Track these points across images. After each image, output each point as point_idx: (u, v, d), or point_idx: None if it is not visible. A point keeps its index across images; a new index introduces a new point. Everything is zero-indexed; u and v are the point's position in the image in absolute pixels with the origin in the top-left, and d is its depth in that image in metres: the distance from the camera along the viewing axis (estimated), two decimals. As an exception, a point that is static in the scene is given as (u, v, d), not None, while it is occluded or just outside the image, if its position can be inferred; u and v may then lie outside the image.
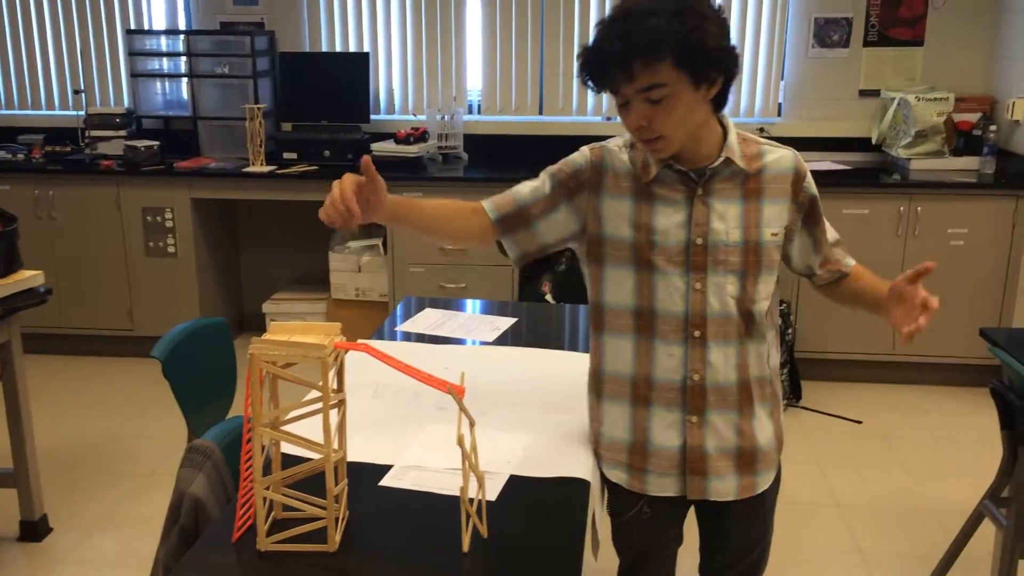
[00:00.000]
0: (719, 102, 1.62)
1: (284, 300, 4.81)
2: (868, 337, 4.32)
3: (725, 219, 1.65)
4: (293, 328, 1.40)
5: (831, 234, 1.80)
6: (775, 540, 1.91)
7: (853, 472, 3.57)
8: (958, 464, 3.65)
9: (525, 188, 1.75)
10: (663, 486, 1.73)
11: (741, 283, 1.67)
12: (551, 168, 1.75)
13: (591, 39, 1.55)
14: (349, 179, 1.54)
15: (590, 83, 1.58)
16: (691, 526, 1.86)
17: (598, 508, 1.77)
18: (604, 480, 1.82)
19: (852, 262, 1.82)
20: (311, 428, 1.44)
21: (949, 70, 4.61)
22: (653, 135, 1.56)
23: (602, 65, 1.53)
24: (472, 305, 2.79)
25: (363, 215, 1.57)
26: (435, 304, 2.77)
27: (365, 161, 1.55)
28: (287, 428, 1.45)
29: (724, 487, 1.73)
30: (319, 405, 1.38)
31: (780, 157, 1.70)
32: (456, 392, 1.35)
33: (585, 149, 1.73)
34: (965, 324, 4.21)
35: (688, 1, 1.51)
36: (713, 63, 1.53)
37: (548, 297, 4.19)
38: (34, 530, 3.06)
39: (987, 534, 2.73)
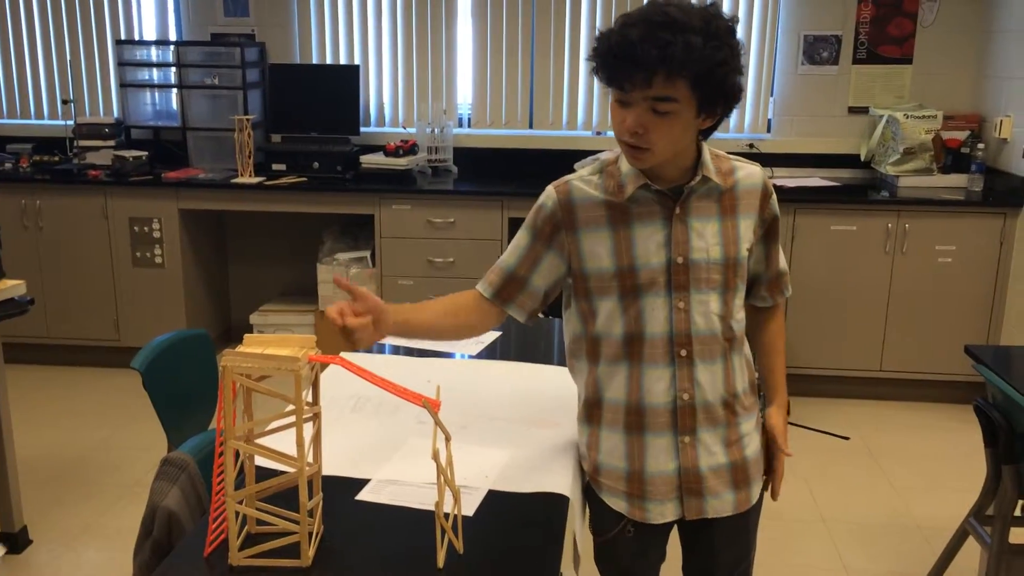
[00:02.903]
0: (707, 132, 1.63)
1: (272, 312, 4.79)
2: (856, 353, 4.32)
3: (704, 237, 1.64)
4: (268, 340, 1.39)
5: (782, 262, 1.83)
6: (761, 556, 1.90)
7: (840, 488, 3.56)
8: (944, 481, 3.64)
9: (507, 252, 1.76)
10: (663, 513, 1.71)
11: (723, 299, 1.66)
12: (526, 220, 1.75)
13: (618, 29, 1.51)
14: (334, 309, 1.50)
15: (602, 74, 1.55)
16: (674, 542, 1.85)
17: (579, 524, 1.75)
18: (586, 497, 1.81)
19: (789, 291, 1.87)
20: (287, 441, 1.42)
21: (938, 88, 4.63)
22: (643, 144, 1.55)
23: (626, 64, 1.49)
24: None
25: (373, 331, 1.53)
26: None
27: (335, 280, 1.53)
28: (262, 441, 1.44)
29: (721, 504, 1.72)
30: (293, 418, 1.36)
31: (750, 173, 1.71)
32: (431, 406, 1.34)
33: (551, 190, 1.71)
34: (952, 341, 4.21)
35: (723, 27, 1.50)
36: (723, 99, 1.54)
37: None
38: (14, 542, 3.03)
39: (972, 552, 2.72)
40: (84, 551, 3.06)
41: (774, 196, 1.74)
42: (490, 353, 2.44)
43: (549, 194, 1.71)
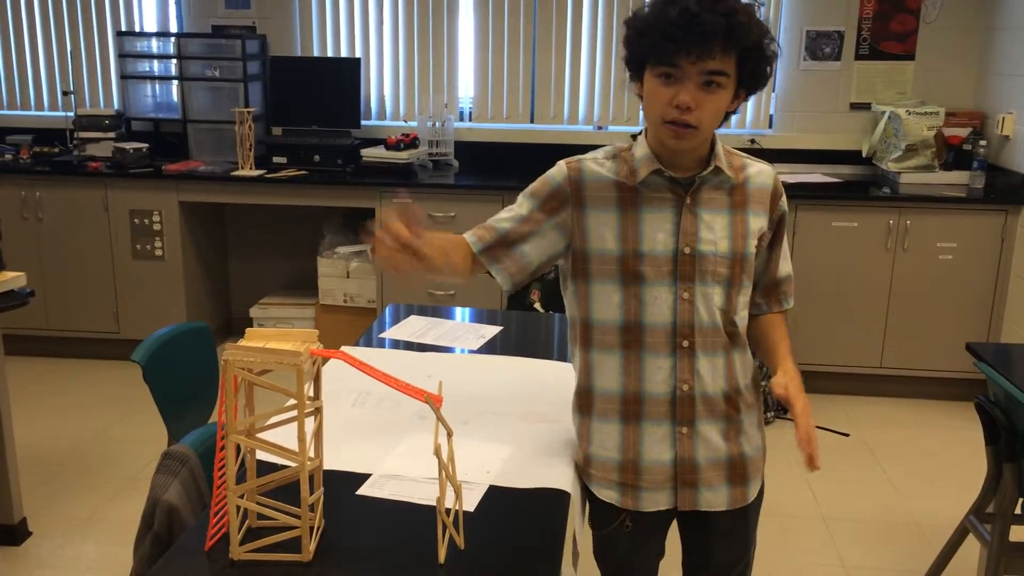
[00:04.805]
0: (725, 117, 1.62)
1: (272, 305, 4.79)
2: (857, 350, 4.32)
3: (713, 229, 1.64)
4: (270, 334, 1.39)
5: (785, 267, 1.79)
6: (760, 552, 1.90)
7: (839, 485, 3.56)
8: (944, 478, 3.64)
9: (504, 214, 1.72)
10: (656, 500, 1.71)
11: (727, 294, 1.66)
12: (529, 188, 1.72)
13: (669, 4, 1.48)
14: (391, 216, 1.46)
15: (654, 50, 1.51)
16: (674, 540, 1.85)
17: (578, 520, 1.75)
18: (586, 492, 1.80)
19: (790, 303, 1.80)
20: (288, 436, 1.42)
21: (940, 85, 4.62)
22: (692, 120, 1.53)
23: (689, 35, 1.46)
24: (460, 313, 2.77)
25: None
26: (422, 312, 2.75)
27: (400, 202, 1.51)
28: (263, 435, 1.43)
29: (715, 498, 1.72)
30: (295, 413, 1.36)
31: (761, 171, 1.71)
32: (433, 401, 1.33)
33: (561, 164, 1.70)
34: (953, 339, 4.21)
35: (753, 7, 1.54)
36: (760, 75, 1.55)
37: (537, 306, 4.17)
38: (12, 534, 3.03)
39: (972, 550, 2.72)
40: (83, 544, 3.06)
41: (784, 197, 1.73)
42: (491, 348, 2.43)
43: (560, 168, 1.70)
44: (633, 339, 1.66)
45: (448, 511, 1.44)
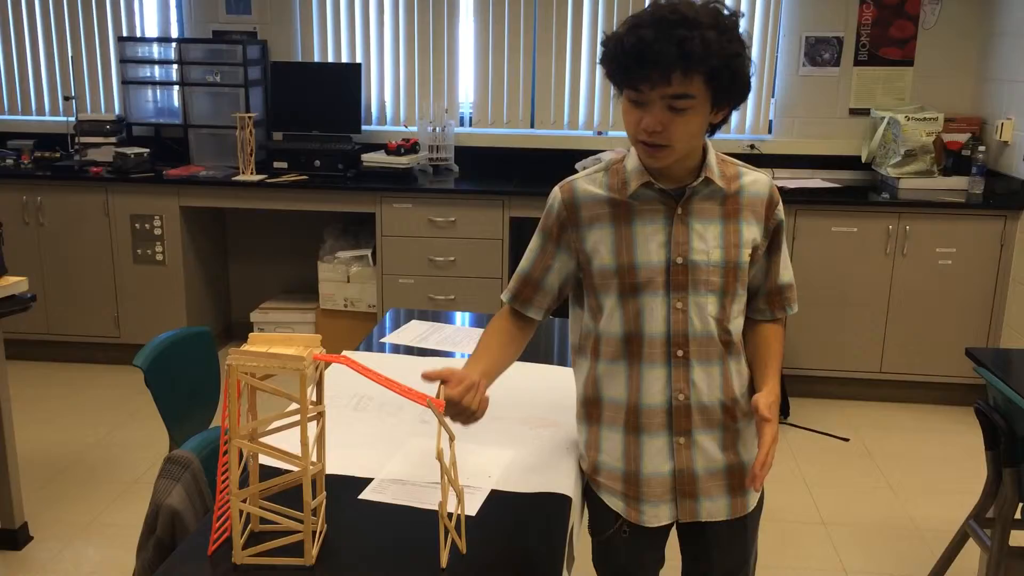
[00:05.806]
0: (715, 127, 1.64)
1: (272, 309, 4.80)
2: (856, 355, 4.32)
3: (705, 239, 1.64)
4: (273, 339, 1.39)
5: (787, 274, 1.79)
6: (760, 557, 1.91)
7: (839, 490, 3.57)
8: (944, 483, 3.64)
9: (524, 259, 1.78)
10: (658, 516, 1.71)
11: (721, 303, 1.66)
12: (539, 224, 1.77)
13: (630, 30, 1.51)
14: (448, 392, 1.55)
15: (617, 76, 1.55)
16: (674, 547, 1.85)
17: (576, 524, 1.75)
18: (585, 498, 1.81)
19: (794, 309, 1.80)
20: (291, 440, 1.43)
21: (939, 90, 4.63)
22: (661, 142, 1.55)
23: (644, 64, 1.49)
24: (461, 318, 2.78)
25: (478, 393, 1.59)
26: (423, 316, 2.76)
27: (424, 375, 1.57)
28: (266, 440, 1.44)
29: (715, 507, 1.72)
30: (298, 417, 1.37)
31: (756, 180, 1.71)
32: (435, 406, 1.34)
33: (556, 190, 1.73)
34: (952, 344, 4.22)
35: (732, 22, 1.53)
36: (736, 91, 1.56)
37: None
38: (14, 538, 3.03)
39: (972, 555, 2.73)
40: (84, 548, 3.06)
41: (780, 205, 1.73)
42: (492, 353, 2.43)
43: (555, 195, 1.73)
44: (634, 350, 1.67)
45: (450, 515, 1.44)
